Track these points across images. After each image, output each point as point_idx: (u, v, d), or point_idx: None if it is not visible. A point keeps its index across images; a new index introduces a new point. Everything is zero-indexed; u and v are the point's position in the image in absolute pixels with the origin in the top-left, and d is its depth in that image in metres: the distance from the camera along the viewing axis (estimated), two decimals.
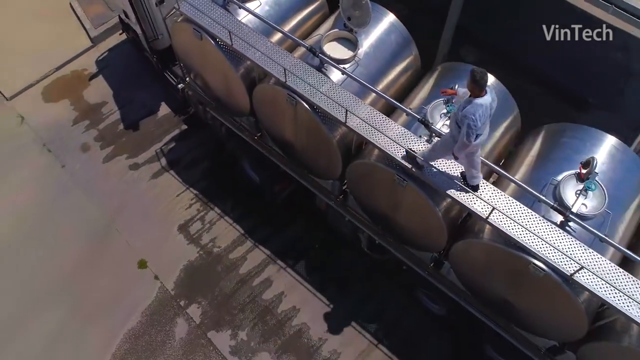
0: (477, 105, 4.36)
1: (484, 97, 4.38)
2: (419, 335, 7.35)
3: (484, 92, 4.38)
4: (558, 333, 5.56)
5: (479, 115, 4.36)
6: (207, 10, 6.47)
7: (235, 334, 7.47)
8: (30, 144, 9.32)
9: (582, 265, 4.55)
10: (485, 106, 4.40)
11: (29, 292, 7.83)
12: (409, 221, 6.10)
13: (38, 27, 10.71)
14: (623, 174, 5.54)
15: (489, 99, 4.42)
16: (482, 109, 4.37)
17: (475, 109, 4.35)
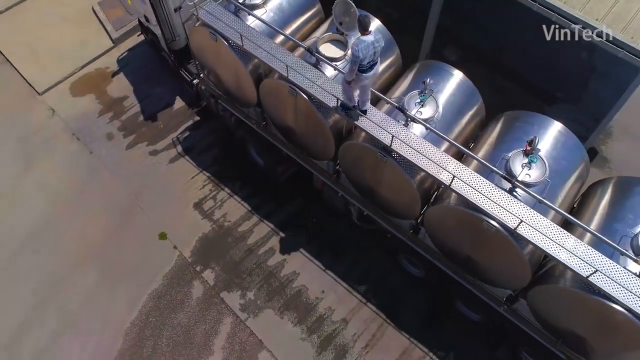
0: (361, 41, 5.78)
1: (367, 36, 5.80)
2: (401, 294, 8.56)
3: (368, 32, 5.81)
4: (510, 282, 6.75)
5: (362, 48, 5.74)
6: (221, 16, 7.67)
7: (244, 294, 8.68)
8: (61, 134, 10.52)
9: (522, 219, 5.75)
10: (368, 42, 5.79)
11: (65, 259, 9.02)
12: (390, 193, 7.30)
13: (64, 29, 11.91)
14: (564, 153, 6.73)
15: (372, 38, 5.82)
16: (364, 44, 5.75)
17: (359, 43, 5.77)
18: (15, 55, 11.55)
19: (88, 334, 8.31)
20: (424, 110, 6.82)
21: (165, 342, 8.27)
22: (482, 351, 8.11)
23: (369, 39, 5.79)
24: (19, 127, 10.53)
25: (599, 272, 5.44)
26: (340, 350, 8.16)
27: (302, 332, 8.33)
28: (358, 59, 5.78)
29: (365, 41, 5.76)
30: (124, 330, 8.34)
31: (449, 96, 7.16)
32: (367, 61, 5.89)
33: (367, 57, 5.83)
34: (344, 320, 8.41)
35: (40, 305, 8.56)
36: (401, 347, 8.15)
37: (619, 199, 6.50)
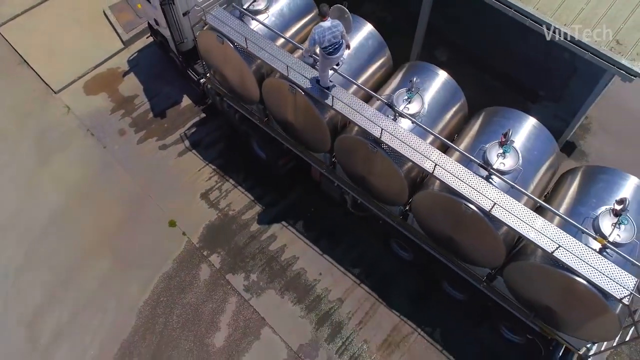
0: (318, 26, 6.87)
1: (324, 22, 6.82)
2: (392, 276, 9.30)
3: (325, 19, 6.79)
4: (488, 260, 7.48)
5: (317, 32, 6.80)
6: (227, 21, 8.41)
7: (248, 276, 9.42)
8: (76, 129, 11.26)
9: (496, 202, 6.49)
10: (324, 27, 6.81)
11: (81, 245, 9.75)
12: (380, 181, 8.04)
13: (78, 32, 12.63)
14: (537, 144, 7.46)
15: (328, 24, 6.82)
16: (320, 29, 6.80)
17: (315, 28, 6.87)
18: (32, 56, 12.28)
19: (104, 312, 9.05)
20: (411, 106, 7.56)
21: (175, 319, 9.01)
22: (466, 328, 8.85)
23: (326, 24, 6.83)
24: (37, 123, 11.27)
25: (562, 247, 6.18)
26: (336, 327, 8.91)
27: (301, 310, 9.07)
28: (314, 41, 6.90)
29: (321, 26, 6.83)
30: (138, 309, 9.09)
31: (434, 94, 7.90)
32: (327, 44, 6.87)
33: (325, 41, 6.81)
34: (339, 299, 9.16)
35: (60, 286, 9.30)
36: (392, 324, 8.89)
37: (585, 186, 7.23)
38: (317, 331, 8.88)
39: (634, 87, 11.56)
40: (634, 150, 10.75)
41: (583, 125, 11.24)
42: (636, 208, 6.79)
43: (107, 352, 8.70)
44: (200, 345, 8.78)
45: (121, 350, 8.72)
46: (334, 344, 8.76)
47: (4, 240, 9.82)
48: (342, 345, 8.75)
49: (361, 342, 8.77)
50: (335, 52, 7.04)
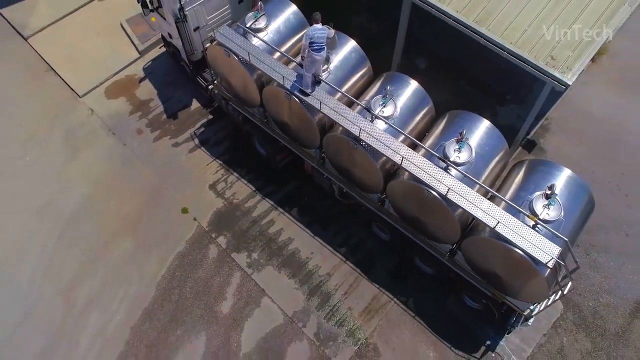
0: (312, 28, 8.80)
1: (315, 25, 8.79)
2: (373, 254, 10.88)
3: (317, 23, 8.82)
4: (447, 237, 9.03)
5: (311, 29, 8.78)
6: (233, 38, 9.97)
7: (250, 254, 10.99)
8: (99, 129, 12.83)
9: (450, 188, 8.04)
10: (316, 27, 8.76)
11: (107, 229, 11.33)
12: (361, 172, 9.60)
13: (98, 42, 14.19)
14: (489, 142, 8.98)
15: (319, 25, 8.81)
16: (313, 28, 8.80)
17: (309, 30, 8.81)
18: (58, 64, 13.83)
19: (129, 284, 10.63)
20: (385, 110, 9.12)
21: (188, 290, 10.59)
22: (435, 297, 10.41)
23: (317, 26, 8.85)
24: (65, 124, 12.84)
25: (501, 223, 7.75)
26: (324, 297, 10.48)
27: (295, 283, 10.65)
28: (307, 37, 8.72)
29: (314, 27, 8.83)
30: (157, 282, 10.66)
31: (405, 100, 9.45)
32: (315, 40, 8.65)
33: (314, 36, 8.65)
34: (328, 274, 10.73)
35: (90, 263, 10.88)
36: (372, 294, 10.46)
37: (527, 175, 8.78)
38: (309, 300, 10.45)
39: (590, 92, 13.29)
40: (587, 147, 12.33)
41: (543, 125, 12.81)
42: (565, 193, 8.35)
43: (132, 317, 10.28)
44: (210, 312, 10.36)
45: (143, 316, 10.31)
46: (323, 310, 10.34)
47: (40, 225, 11.40)
48: (330, 312, 10.32)
49: (346, 309, 10.35)
50: (319, 51, 8.73)
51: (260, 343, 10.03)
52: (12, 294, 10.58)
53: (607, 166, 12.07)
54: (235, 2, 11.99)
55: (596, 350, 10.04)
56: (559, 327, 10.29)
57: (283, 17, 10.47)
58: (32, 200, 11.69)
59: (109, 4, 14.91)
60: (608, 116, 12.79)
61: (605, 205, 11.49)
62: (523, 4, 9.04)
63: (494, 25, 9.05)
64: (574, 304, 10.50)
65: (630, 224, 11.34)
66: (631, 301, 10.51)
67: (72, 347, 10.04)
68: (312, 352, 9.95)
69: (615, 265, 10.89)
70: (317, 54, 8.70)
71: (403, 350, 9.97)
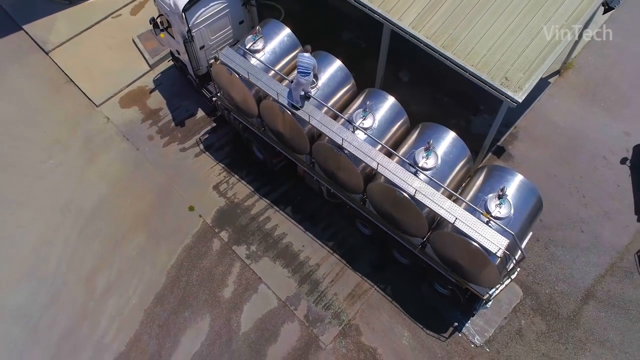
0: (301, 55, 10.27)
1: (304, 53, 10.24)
2: (357, 247, 12.36)
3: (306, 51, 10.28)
4: (417, 231, 10.49)
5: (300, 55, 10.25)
6: (234, 58, 11.42)
7: (249, 247, 12.48)
8: (114, 136, 14.32)
9: (417, 189, 9.50)
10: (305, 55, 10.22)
11: (122, 225, 12.82)
12: (344, 175, 11.07)
13: (112, 56, 15.67)
14: (453, 150, 10.38)
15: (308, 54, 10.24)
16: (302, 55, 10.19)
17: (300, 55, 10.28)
18: (76, 76, 15.32)
19: (142, 273, 12.13)
20: (365, 122, 10.56)
21: (195, 278, 12.08)
22: (410, 284, 11.88)
23: (306, 54, 10.29)
24: (84, 130, 14.34)
25: (459, 219, 9.20)
26: (314, 284, 11.96)
27: (288, 272, 12.13)
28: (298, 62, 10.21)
29: (303, 55, 10.26)
30: (167, 271, 12.16)
31: (383, 113, 10.88)
32: (302, 67, 10.10)
33: (302, 62, 10.09)
34: (317, 264, 12.21)
35: (108, 254, 12.38)
36: (355, 282, 11.94)
37: (486, 179, 10.21)
38: (300, 287, 11.94)
39: (556, 103, 14.75)
40: (550, 152, 13.78)
41: (512, 133, 14.27)
42: (516, 195, 9.78)
43: (145, 301, 11.78)
44: (213, 297, 11.85)
45: (155, 300, 11.80)
46: (312, 296, 11.82)
47: (63, 220, 12.90)
48: (318, 297, 11.81)
49: (332, 294, 11.83)
50: (305, 76, 10.14)
51: (257, 324, 11.52)
52: (40, 280, 12.08)
53: (568, 170, 13.53)
54: (237, 23, 13.47)
55: (550, 331, 11.51)
56: (518, 311, 11.75)
57: (278, 39, 11.92)
58: (56, 199, 13.19)
59: (121, 21, 16.41)
60: (570, 125, 14.25)
61: (564, 205, 12.99)
62: (483, 32, 10.48)
63: (458, 49, 10.50)
64: (533, 291, 11.96)
65: (585, 222, 12.80)
66: (582, 289, 11.97)
67: (93, 327, 11.54)
68: (302, 331, 11.44)
69: (570, 258, 12.35)
70: (302, 78, 10.16)
71: (381, 330, 11.44)
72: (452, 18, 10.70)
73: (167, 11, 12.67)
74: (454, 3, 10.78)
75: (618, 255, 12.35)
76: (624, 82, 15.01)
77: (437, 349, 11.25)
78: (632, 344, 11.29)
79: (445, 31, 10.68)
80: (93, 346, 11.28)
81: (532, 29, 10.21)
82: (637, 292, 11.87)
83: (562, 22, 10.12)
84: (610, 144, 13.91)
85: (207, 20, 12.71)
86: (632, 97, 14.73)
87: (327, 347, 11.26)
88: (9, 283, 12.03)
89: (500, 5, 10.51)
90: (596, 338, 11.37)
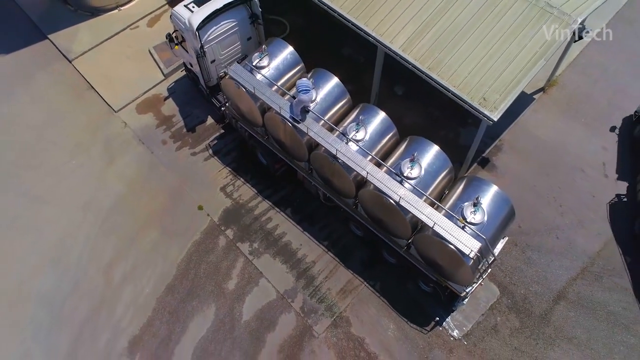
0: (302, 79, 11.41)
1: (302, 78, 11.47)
2: (350, 247, 13.58)
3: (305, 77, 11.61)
4: (402, 234, 11.69)
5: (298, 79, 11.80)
6: (241, 73, 12.68)
7: (252, 244, 13.73)
8: (131, 140, 15.63)
9: (401, 197, 10.69)
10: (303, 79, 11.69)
11: (137, 222, 14.11)
12: (338, 182, 12.29)
13: (130, 65, 16.99)
14: (436, 162, 11.55)
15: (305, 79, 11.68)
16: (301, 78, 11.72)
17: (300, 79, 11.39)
18: (97, 83, 16.65)
19: (155, 265, 13.42)
20: (357, 135, 11.76)
21: (202, 271, 13.35)
22: (396, 281, 13.07)
23: (304, 78, 11.56)
24: (104, 134, 15.67)
25: (437, 224, 10.38)
26: (309, 279, 13.19)
27: (286, 268, 13.37)
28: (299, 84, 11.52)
29: (302, 79, 11.51)
30: (177, 264, 13.44)
31: (374, 127, 12.07)
32: (301, 87, 11.40)
33: (301, 83, 11.42)
34: (313, 261, 13.44)
35: (124, 247, 13.69)
36: (347, 278, 13.16)
37: (464, 188, 11.39)
38: (297, 281, 13.17)
39: (540, 118, 15.87)
40: (531, 164, 14.91)
41: (497, 145, 15.40)
42: (490, 203, 10.93)
43: (157, 291, 13.08)
44: (219, 288, 13.12)
45: (166, 290, 13.09)
46: (307, 290, 13.06)
47: (85, 217, 14.23)
48: (313, 291, 13.04)
49: (326, 289, 13.06)
50: (304, 93, 11.43)
51: (258, 313, 12.77)
52: (63, 270, 13.41)
53: (547, 181, 14.66)
54: (245, 39, 14.73)
55: (523, 328, 12.65)
56: (495, 309, 12.91)
57: (281, 57, 13.16)
58: (78, 197, 14.52)
59: (139, 32, 17.74)
60: (552, 139, 15.36)
61: (542, 213, 14.13)
62: (465, 56, 11.64)
63: (443, 71, 11.68)
64: (509, 291, 13.11)
65: (560, 229, 13.93)
66: (555, 290, 13.10)
67: (110, 314, 12.85)
68: (298, 321, 12.68)
69: (545, 262, 13.48)
70: (304, 95, 11.43)
71: (369, 323, 12.65)
72: (438, 43, 11.89)
73: (182, 28, 13.95)
74: (440, 29, 11.95)
75: (589, 260, 13.47)
76: (604, 100, 16.12)
77: (419, 341, 12.44)
78: (597, 341, 12.41)
79: (431, 54, 11.87)
80: (111, 329, 12.59)
81: (509, 55, 11.36)
82: (604, 295, 12.99)
83: (535, 50, 11.27)
84: (588, 157, 15.02)
85: (218, 37, 14.01)
86: (611, 114, 15.83)
87: (319, 336, 12.49)
88: (36, 272, 13.37)
89: (481, 33, 11.67)
90: (565, 335, 12.50)
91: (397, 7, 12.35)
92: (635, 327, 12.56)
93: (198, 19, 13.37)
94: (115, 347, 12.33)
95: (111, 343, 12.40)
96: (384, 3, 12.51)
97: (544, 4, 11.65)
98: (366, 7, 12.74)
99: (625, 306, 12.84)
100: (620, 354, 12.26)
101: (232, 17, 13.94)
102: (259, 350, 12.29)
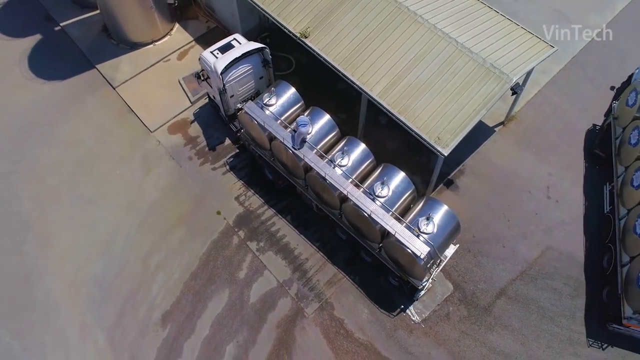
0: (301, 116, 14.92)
1: (301, 116, 15.08)
2: (336, 248, 17.05)
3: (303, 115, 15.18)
4: (375, 239, 15.14)
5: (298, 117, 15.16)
6: (254, 109, 16.23)
7: (258, 243, 17.26)
8: (164, 156, 19.24)
9: (372, 211, 14.14)
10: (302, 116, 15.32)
11: (168, 222, 17.69)
12: (326, 196, 15.78)
13: (163, 93, 20.59)
14: (401, 185, 14.98)
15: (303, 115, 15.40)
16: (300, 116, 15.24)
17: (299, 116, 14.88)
18: (136, 107, 20.26)
19: (182, 257, 17.01)
20: (342, 161, 15.24)
21: (219, 264, 16.91)
22: (371, 276, 16.51)
23: (303, 115, 14.78)
24: (142, 150, 19.30)
25: (398, 233, 13.82)
26: (303, 272, 16.69)
27: (285, 262, 16.88)
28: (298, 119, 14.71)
29: (301, 116, 14.72)
30: (199, 256, 17.02)
31: (355, 155, 15.53)
32: (300, 122, 14.71)
33: (299, 119, 14.69)
34: (306, 258, 16.93)
35: (158, 242, 17.30)
36: (332, 273, 16.63)
37: (423, 206, 14.80)
38: (294, 273, 16.68)
39: (498, 147, 19.22)
40: (488, 186, 18.25)
41: (461, 169, 18.78)
42: (442, 218, 14.33)
43: (184, 277, 16.65)
44: (232, 277, 16.67)
45: (191, 276, 16.66)
46: (301, 280, 16.56)
47: (126, 217, 17.85)
48: (306, 281, 16.54)
49: (316, 280, 16.54)
50: (303, 127, 14.91)
51: (262, 297, 16.30)
52: (110, 259, 17.05)
53: (499, 200, 18.00)
54: (258, 78, 18.30)
55: (470, 316, 16.02)
56: (448, 300, 16.29)
57: (286, 97, 16.69)
58: (121, 200, 18.16)
59: (170, 64, 21.37)
60: (506, 165, 18.71)
61: (492, 226, 17.49)
62: (426, 104, 15.05)
63: (409, 114, 15.12)
64: (461, 287, 16.48)
65: (507, 240, 17.27)
66: (497, 288, 16.44)
67: (147, 293, 16.45)
68: (292, 304, 16.18)
69: (492, 265, 16.84)
70: (302, 128, 14.93)
71: (348, 307, 16.11)
72: (406, 92, 15.34)
73: (208, 70, 17.55)
74: (409, 82, 15.41)
75: (528, 265, 16.80)
76: (553, 133, 19.43)
77: (387, 323, 15.87)
78: (528, 329, 15.75)
79: (401, 101, 15.33)
80: (147, 305, 16.19)
81: (460, 104, 14.77)
82: (537, 294, 16.31)
83: (480, 101, 14.67)
84: (536, 181, 18.34)
85: (236, 78, 17.59)
86: (559, 146, 19.14)
87: (309, 316, 15.97)
88: (89, 259, 17.02)
89: (440, 86, 15.10)
90: (502, 323, 15.85)
91: (376, 63, 15.82)
92: (559, 319, 15.87)
93: (222, 65, 16.96)
94: (151, 318, 15.94)
95: (148, 315, 16.01)
96: (367, 59, 15.99)
97: (489, 65, 15.05)
98: (353, 60, 16.23)
99: (553, 302, 16.16)
100: (544, 339, 15.59)
101: (248, 63, 17.52)
102: (262, 324, 15.82)
